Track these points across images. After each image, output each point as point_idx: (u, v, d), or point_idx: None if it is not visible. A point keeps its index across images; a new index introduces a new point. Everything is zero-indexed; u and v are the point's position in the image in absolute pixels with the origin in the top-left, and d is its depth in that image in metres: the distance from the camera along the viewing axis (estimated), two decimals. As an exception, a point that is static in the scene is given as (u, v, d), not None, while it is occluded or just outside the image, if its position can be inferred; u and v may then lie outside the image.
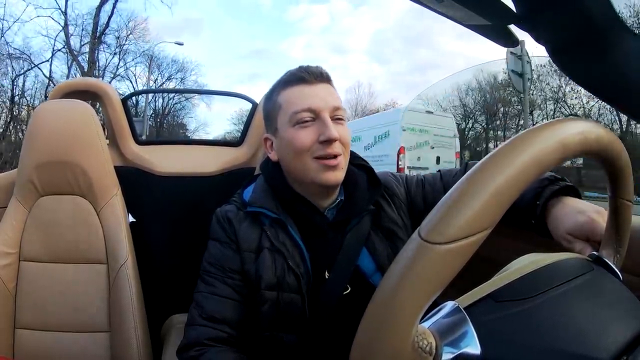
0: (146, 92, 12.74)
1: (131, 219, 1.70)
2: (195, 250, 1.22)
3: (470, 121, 22.22)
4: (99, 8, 16.62)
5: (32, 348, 1.42)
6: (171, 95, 20.34)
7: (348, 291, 1.07)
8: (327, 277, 1.07)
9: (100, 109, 1.89)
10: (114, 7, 17.11)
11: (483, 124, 22.14)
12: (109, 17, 16.98)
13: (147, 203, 1.81)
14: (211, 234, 1.15)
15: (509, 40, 0.60)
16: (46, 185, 1.48)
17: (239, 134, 2.06)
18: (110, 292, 1.44)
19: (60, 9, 17.48)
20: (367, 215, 1.12)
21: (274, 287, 1.05)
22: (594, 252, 0.65)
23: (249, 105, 1.97)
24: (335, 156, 1.05)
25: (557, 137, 0.45)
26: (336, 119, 1.07)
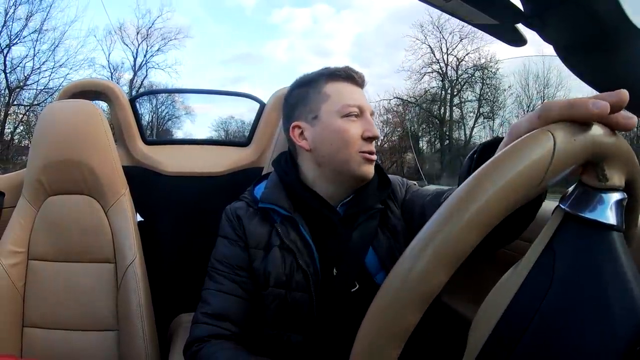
0: (154, 92, 12.82)
1: (139, 218, 1.71)
2: (203, 249, 1.22)
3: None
4: (131, 82, 19.21)
5: (40, 346, 1.42)
6: (164, 115, 21.33)
7: (356, 288, 1.07)
8: (334, 273, 1.07)
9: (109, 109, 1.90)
10: (141, 84, 19.70)
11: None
12: (137, 91, 19.72)
13: (155, 202, 1.82)
14: (220, 231, 1.16)
15: (517, 40, 0.60)
16: (54, 184, 1.49)
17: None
18: (118, 291, 1.44)
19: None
20: (375, 213, 1.13)
21: (283, 285, 1.05)
22: (561, 205, 0.49)
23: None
24: (372, 152, 1.10)
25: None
26: None
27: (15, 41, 15.21)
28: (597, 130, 0.45)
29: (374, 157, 1.11)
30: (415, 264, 0.39)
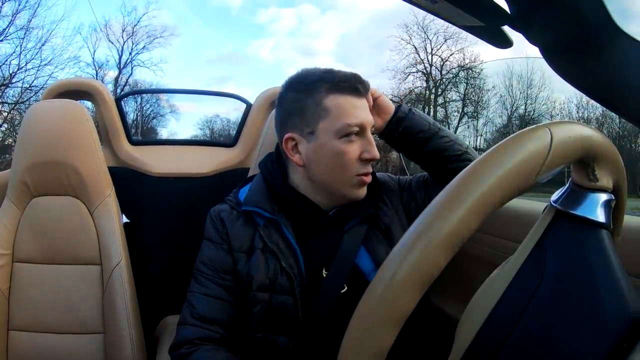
0: (140, 92, 12.72)
1: (125, 219, 1.70)
2: (189, 251, 1.22)
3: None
4: (116, 79, 19.23)
5: (26, 350, 1.40)
6: (149, 113, 21.32)
7: (345, 290, 1.06)
8: (324, 275, 1.07)
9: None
10: (126, 81, 19.79)
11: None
12: (122, 89, 19.50)
13: (141, 203, 1.81)
14: (205, 233, 1.15)
15: (503, 42, 0.60)
16: (39, 185, 1.47)
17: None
18: (104, 294, 1.43)
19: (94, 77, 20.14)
20: (366, 217, 1.12)
21: (266, 288, 1.05)
22: (553, 203, 0.50)
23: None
24: (368, 174, 1.07)
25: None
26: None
27: (0, 39, 15.05)
28: (591, 132, 0.46)
29: (369, 179, 1.08)
30: (414, 247, 0.40)
